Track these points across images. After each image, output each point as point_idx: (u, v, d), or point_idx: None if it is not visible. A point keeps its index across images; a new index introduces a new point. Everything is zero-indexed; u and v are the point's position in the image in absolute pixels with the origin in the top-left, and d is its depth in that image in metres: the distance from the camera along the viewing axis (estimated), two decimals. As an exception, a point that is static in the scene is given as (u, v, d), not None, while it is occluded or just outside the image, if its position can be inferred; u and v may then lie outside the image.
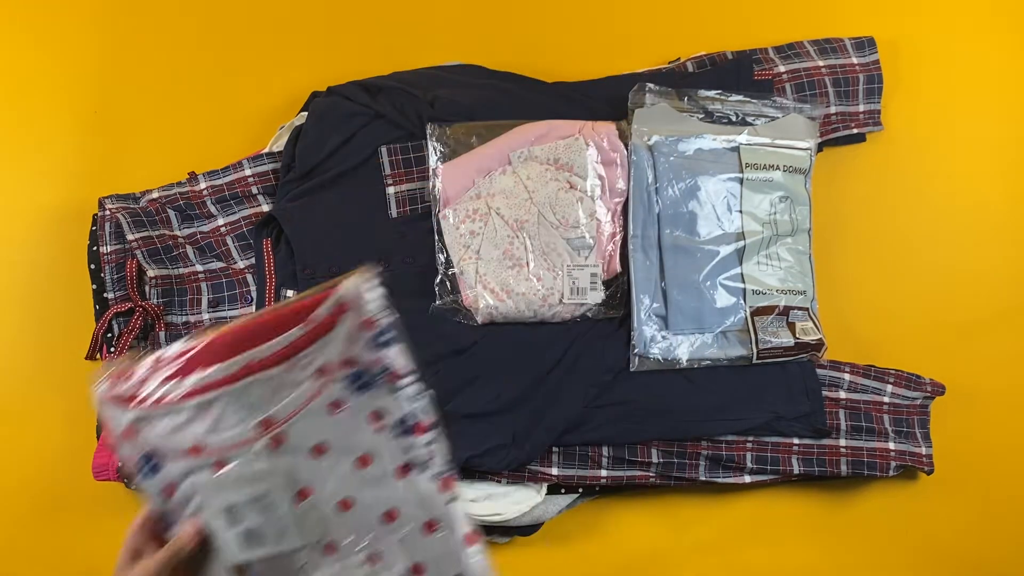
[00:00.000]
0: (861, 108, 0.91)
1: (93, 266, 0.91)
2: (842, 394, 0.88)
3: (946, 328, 0.93)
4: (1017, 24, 0.95)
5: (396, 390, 0.54)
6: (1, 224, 0.97)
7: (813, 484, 0.92)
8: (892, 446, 0.87)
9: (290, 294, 0.87)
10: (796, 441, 0.87)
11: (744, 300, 0.85)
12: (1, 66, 0.98)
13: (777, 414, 0.85)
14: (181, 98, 0.98)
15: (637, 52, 0.97)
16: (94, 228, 0.91)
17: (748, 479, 0.87)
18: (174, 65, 0.98)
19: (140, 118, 0.98)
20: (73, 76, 0.98)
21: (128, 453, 0.55)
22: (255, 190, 0.90)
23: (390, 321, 0.53)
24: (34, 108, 0.98)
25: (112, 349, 0.88)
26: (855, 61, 0.91)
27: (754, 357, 0.84)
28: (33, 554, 0.95)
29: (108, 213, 0.88)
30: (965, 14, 0.95)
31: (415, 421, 0.55)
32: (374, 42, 0.98)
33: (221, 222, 0.90)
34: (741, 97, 0.87)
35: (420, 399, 0.55)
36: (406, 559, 0.56)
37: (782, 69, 0.90)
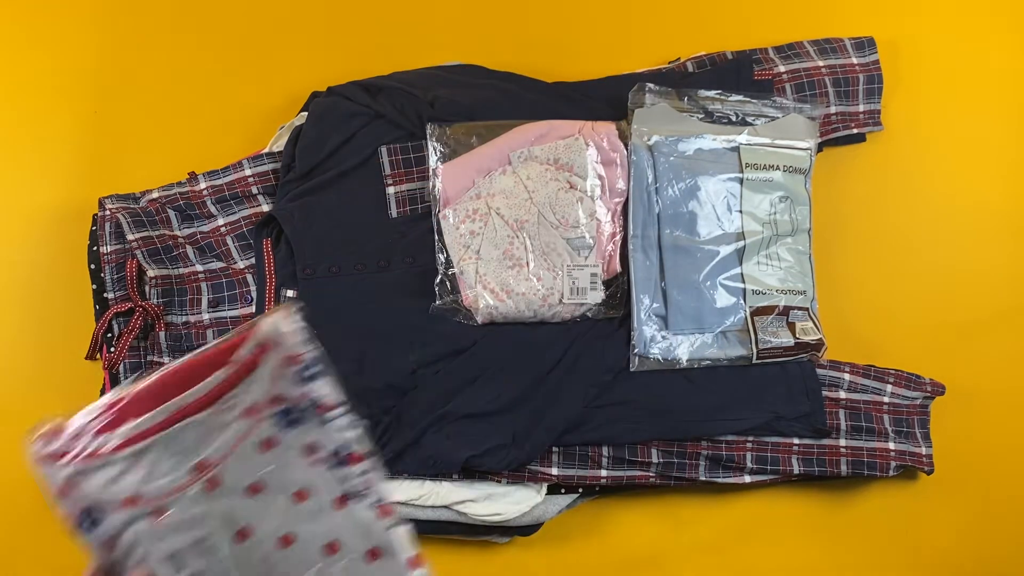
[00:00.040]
0: (861, 108, 0.91)
1: (93, 266, 0.91)
2: (842, 394, 0.88)
3: (946, 328, 0.93)
4: (1017, 24, 0.95)
5: (327, 422, 0.55)
6: (1, 224, 0.97)
7: (813, 484, 0.92)
8: (892, 446, 0.87)
9: (290, 294, 0.87)
10: (796, 441, 0.87)
11: (744, 300, 0.85)
12: (1, 66, 0.98)
13: (777, 414, 0.85)
14: (181, 98, 0.98)
15: (637, 52, 0.97)
16: (94, 228, 0.91)
17: (748, 479, 0.87)
18: (174, 65, 0.98)
19: (140, 118, 0.98)
20: (73, 76, 0.98)
21: (67, 509, 0.55)
22: (255, 190, 0.90)
23: (314, 355, 0.54)
24: (34, 108, 0.98)
25: (112, 349, 0.88)
26: (855, 61, 0.91)
27: (754, 357, 0.84)
28: (33, 554, 0.95)
29: (108, 213, 0.88)
30: (965, 14, 0.95)
31: (349, 452, 0.55)
32: (374, 42, 0.98)
33: (221, 222, 0.90)
34: (741, 97, 0.87)
35: (352, 429, 0.55)
36: None
37: (782, 69, 0.90)
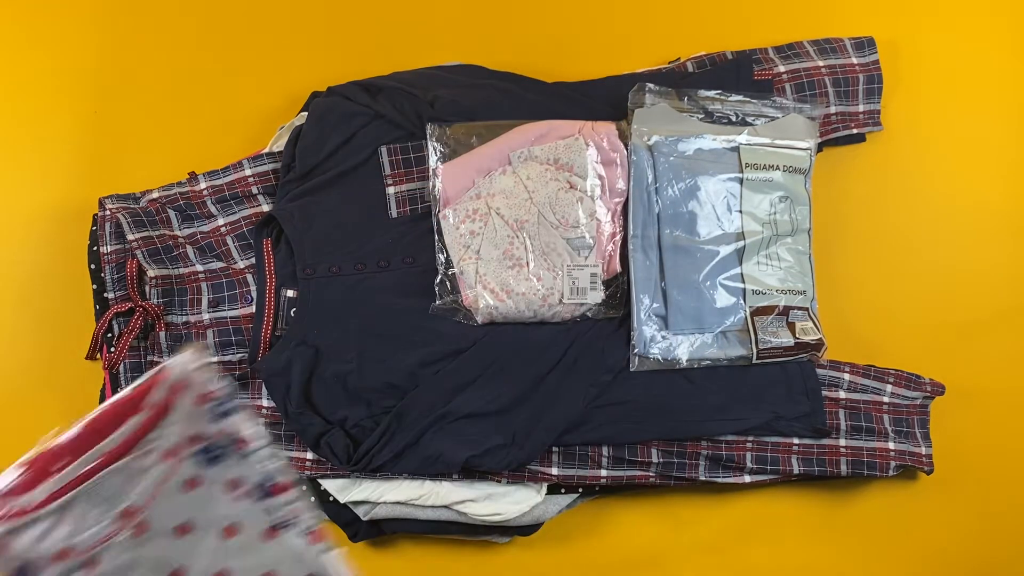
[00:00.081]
0: (861, 108, 0.91)
1: (93, 266, 0.91)
2: (842, 394, 0.88)
3: (946, 328, 0.93)
4: (1017, 24, 0.95)
5: (248, 455, 0.55)
6: (1, 224, 0.97)
7: (813, 484, 0.92)
8: (892, 446, 0.87)
9: (290, 294, 0.87)
10: (796, 441, 0.87)
11: (744, 300, 0.85)
12: (1, 66, 0.98)
13: (777, 414, 0.85)
14: (181, 98, 0.98)
15: (637, 52, 0.97)
16: (94, 228, 0.91)
17: (748, 479, 0.87)
18: (174, 65, 0.98)
19: (140, 118, 0.98)
20: (73, 76, 0.98)
21: (1, 570, 0.56)
22: (255, 190, 0.90)
23: (226, 391, 0.54)
24: (34, 108, 0.98)
25: (112, 349, 0.88)
26: (855, 61, 0.91)
27: (754, 357, 0.84)
28: (33, 554, 0.95)
29: (108, 213, 0.88)
30: (965, 14, 0.95)
31: (273, 483, 0.56)
32: (374, 42, 0.98)
33: (221, 222, 0.90)
34: (741, 97, 0.87)
35: (274, 460, 0.56)
36: None
37: (782, 69, 0.90)
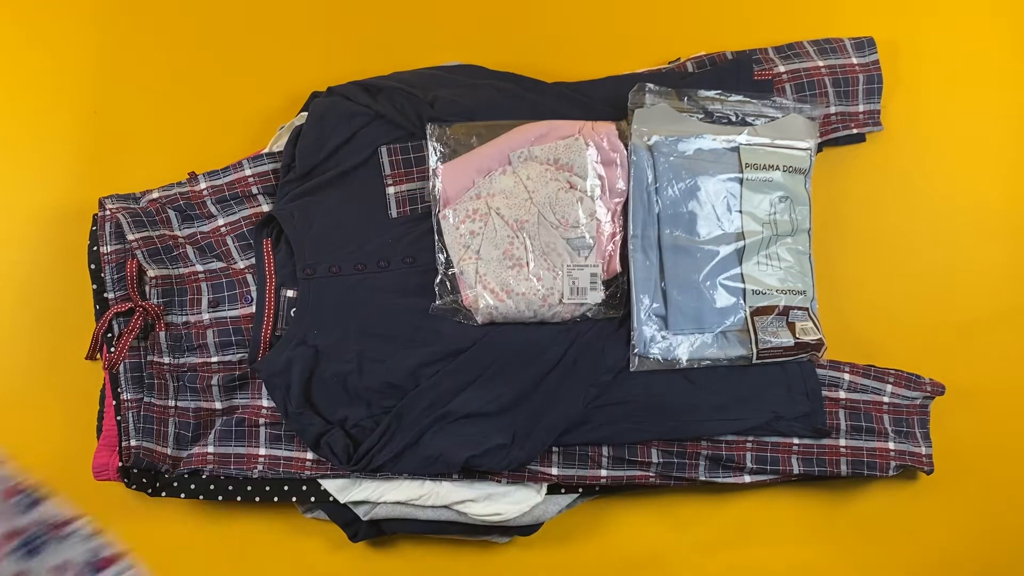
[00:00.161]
0: (861, 108, 0.91)
1: (93, 266, 0.91)
2: (842, 394, 0.88)
3: (946, 328, 0.93)
4: (1017, 24, 0.95)
5: (68, 537, 0.56)
6: (1, 224, 0.97)
7: (813, 484, 0.92)
8: (892, 446, 0.87)
9: (290, 294, 0.87)
10: (796, 441, 0.87)
11: (744, 300, 0.85)
12: (1, 66, 0.98)
13: (777, 414, 0.85)
14: (181, 98, 0.98)
15: (637, 52, 0.97)
16: (94, 228, 0.91)
17: (748, 479, 0.87)
18: (174, 65, 0.98)
19: (140, 118, 0.98)
20: (73, 76, 0.98)
21: None
22: (255, 190, 0.90)
23: (31, 480, 0.54)
24: (34, 108, 0.98)
25: (112, 349, 0.88)
26: (855, 61, 0.91)
27: (754, 357, 0.84)
28: (33, 554, 0.95)
29: (108, 213, 0.88)
30: (965, 14, 0.95)
31: (99, 558, 0.56)
32: (374, 42, 0.98)
33: (221, 222, 0.90)
34: (741, 97, 0.87)
35: (96, 535, 0.56)
36: None
37: (782, 69, 0.90)
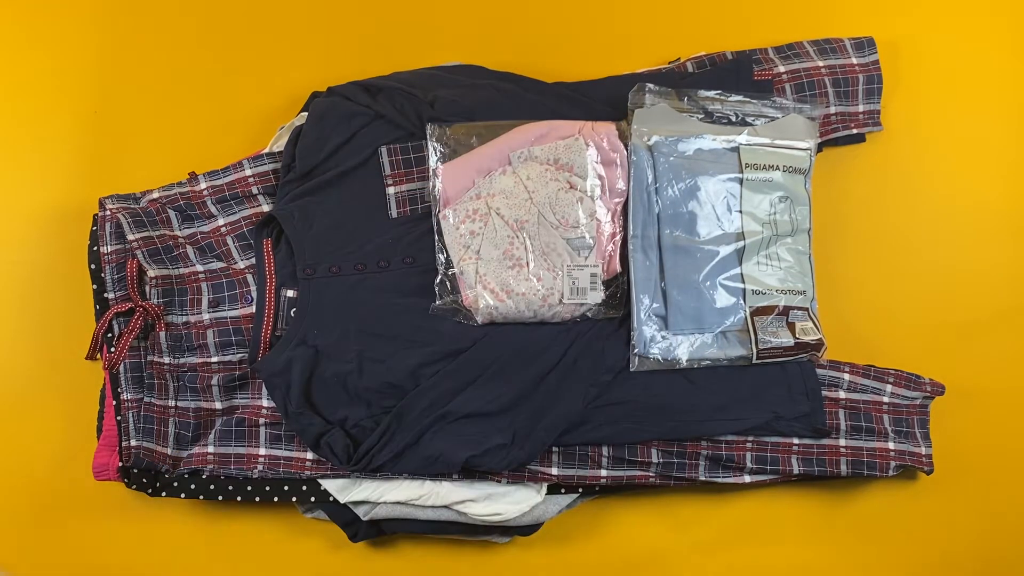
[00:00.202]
0: (861, 108, 0.91)
1: (93, 266, 0.91)
2: (842, 394, 0.88)
3: (946, 328, 0.93)
4: (1017, 24, 0.95)
5: None
6: (1, 224, 0.97)
7: (813, 484, 0.92)
8: (892, 446, 0.87)
9: (290, 294, 0.87)
10: (796, 441, 0.87)
11: (744, 300, 0.85)
12: (1, 66, 0.98)
13: (777, 414, 0.85)
14: (181, 98, 0.98)
15: (637, 52, 0.97)
16: (94, 228, 0.91)
17: (748, 479, 0.87)
18: (174, 65, 0.98)
19: (140, 118, 0.98)
20: (73, 76, 0.98)
21: None
22: (255, 190, 0.90)
23: None
24: (34, 108, 0.98)
25: (112, 349, 0.88)
26: (855, 61, 0.91)
27: (754, 357, 0.84)
28: (33, 554, 0.95)
29: (108, 213, 0.88)
30: (965, 14, 0.95)
31: None
32: (374, 42, 0.98)
33: (221, 222, 0.90)
34: (741, 97, 0.87)
35: None
36: None
37: (782, 69, 0.90)
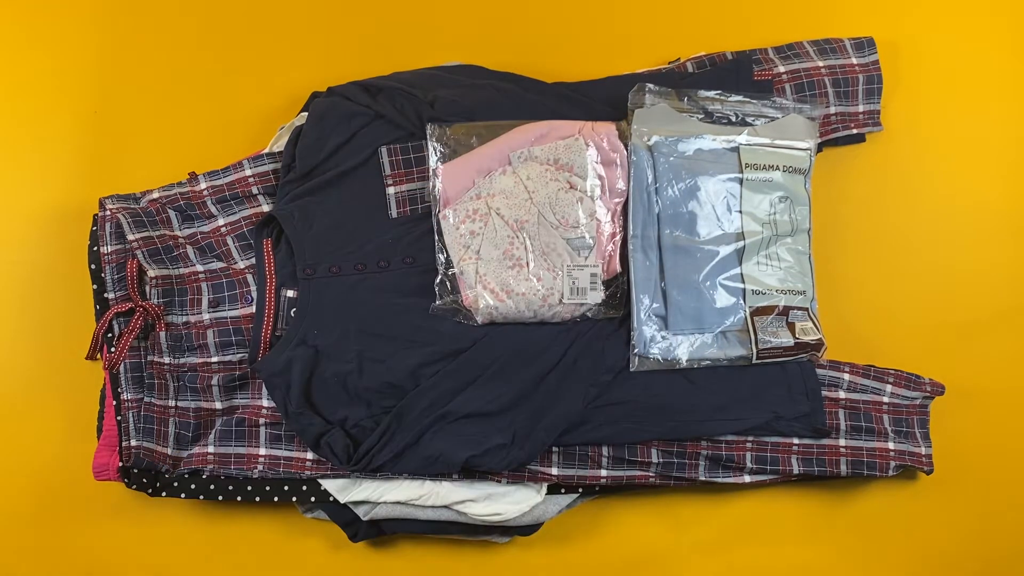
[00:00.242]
0: (861, 108, 0.91)
1: (94, 266, 0.91)
2: (842, 394, 0.88)
3: (946, 328, 0.93)
4: (1017, 24, 0.95)
5: None
6: (1, 224, 0.97)
7: (813, 484, 0.92)
8: (892, 446, 0.87)
9: (290, 294, 0.87)
10: (796, 441, 0.87)
11: (744, 300, 0.85)
12: (1, 66, 0.98)
13: (777, 414, 0.85)
14: (181, 98, 0.98)
15: (637, 52, 0.97)
16: (94, 228, 0.91)
17: (748, 479, 0.87)
18: (174, 65, 0.98)
19: (140, 118, 0.98)
20: (73, 76, 0.98)
21: None
22: (255, 190, 0.90)
23: None
24: (34, 108, 0.98)
25: (112, 349, 0.88)
26: (855, 61, 0.91)
27: (754, 357, 0.84)
28: (33, 554, 0.95)
29: (108, 213, 0.88)
30: (965, 14, 0.95)
31: None
32: (374, 42, 0.98)
33: (221, 222, 0.90)
34: (741, 97, 0.87)
35: None
36: None
37: (782, 69, 0.90)
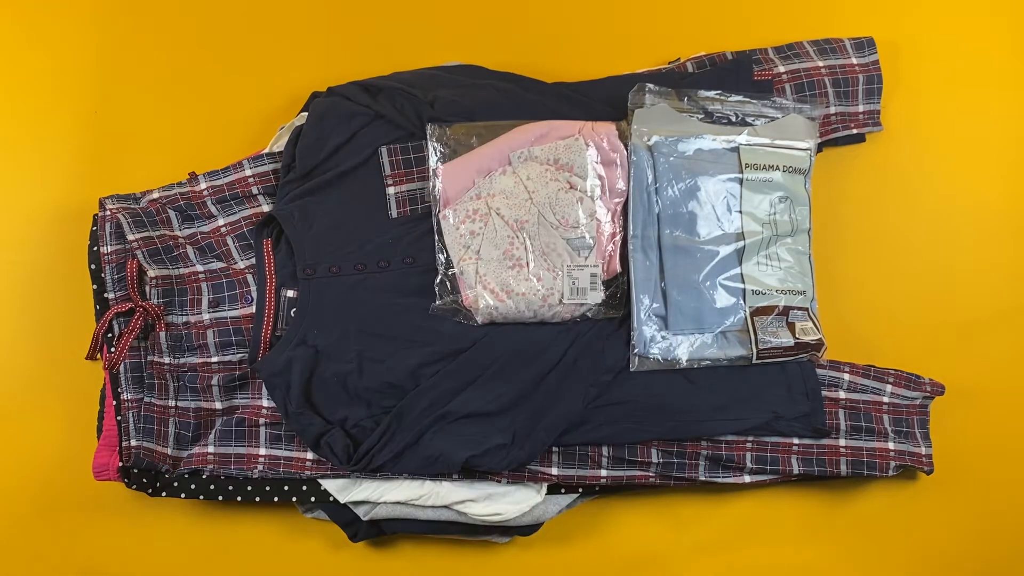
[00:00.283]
0: (861, 108, 0.91)
1: (94, 266, 0.91)
2: (842, 394, 0.88)
3: (946, 328, 0.93)
4: (1017, 24, 0.95)
5: None
6: (1, 224, 0.97)
7: (813, 484, 0.92)
8: (892, 446, 0.87)
9: (290, 294, 0.87)
10: (796, 441, 0.87)
11: (744, 300, 0.85)
12: (1, 66, 0.98)
13: (777, 414, 0.85)
14: (181, 98, 0.98)
15: (637, 52, 0.97)
16: (94, 228, 0.91)
17: (748, 479, 0.87)
18: (174, 65, 0.98)
19: (140, 118, 0.98)
20: (73, 76, 0.98)
21: None
22: (255, 190, 0.90)
23: None
24: (34, 108, 0.98)
25: (112, 349, 0.88)
26: (855, 61, 0.91)
27: (754, 357, 0.84)
28: (33, 554, 0.95)
29: (108, 213, 0.88)
30: (965, 14, 0.95)
31: None
32: (374, 42, 0.98)
33: (221, 222, 0.90)
34: (741, 97, 0.87)
35: None
36: None
37: (782, 69, 0.90)
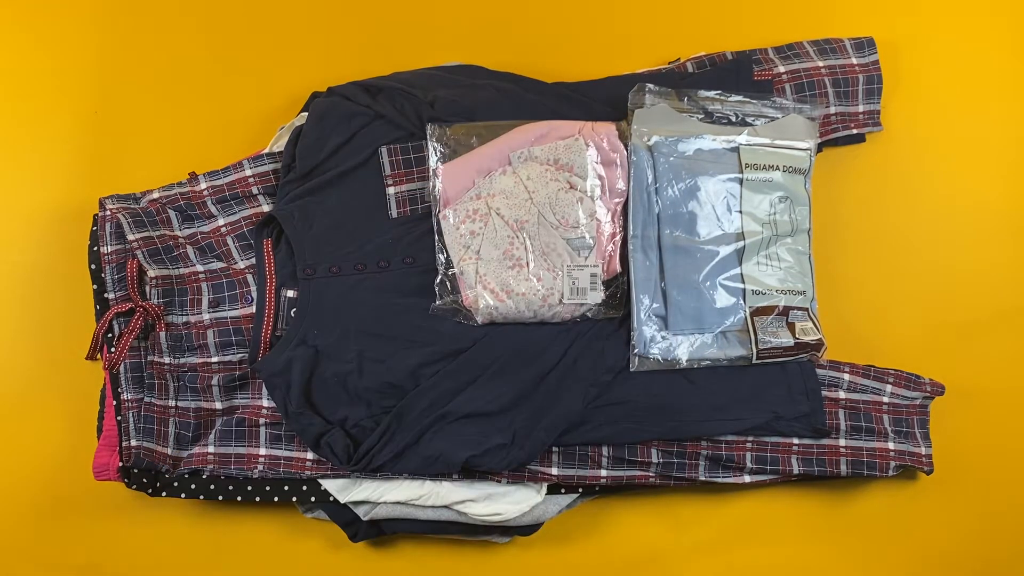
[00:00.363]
0: (861, 108, 0.91)
1: (94, 266, 0.91)
2: (842, 394, 0.88)
3: (946, 328, 0.93)
4: (1017, 24, 0.95)
5: None
6: (1, 224, 0.97)
7: (813, 484, 0.92)
8: (892, 446, 0.87)
9: (290, 294, 0.87)
10: (796, 441, 0.87)
11: (744, 300, 0.85)
12: (1, 66, 0.98)
13: (777, 414, 0.85)
14: (181, 98, 0.98)
15: (637, 52, 0.97)
16: (95, 228, 0.91)
17: (748, 479, 0.87)
18: (174, 65, 0.98)
19: (140, 118, 0.98)
20: (73, 76, 0.98)
21: None
22: (256, 190, 0.90)
23: None
24: (34, 108, 0.98)
25: (112, 349, 0.88)
26: (855, 61, 0.91)
27: (754, 357, 0.84)
28: (33, 554, 0.95)
29: (108, 213, 0.88)
30: (965, 14, 0.95)
31: None
32: (374, 42, 0.98)
33: (222, 222, 0.90)
34: (741, 97, 0.87)
35: None
36: None
37: (782, 69, 0.90)
